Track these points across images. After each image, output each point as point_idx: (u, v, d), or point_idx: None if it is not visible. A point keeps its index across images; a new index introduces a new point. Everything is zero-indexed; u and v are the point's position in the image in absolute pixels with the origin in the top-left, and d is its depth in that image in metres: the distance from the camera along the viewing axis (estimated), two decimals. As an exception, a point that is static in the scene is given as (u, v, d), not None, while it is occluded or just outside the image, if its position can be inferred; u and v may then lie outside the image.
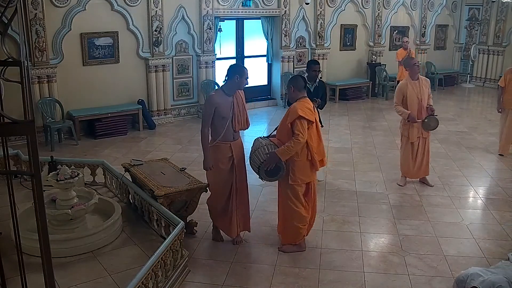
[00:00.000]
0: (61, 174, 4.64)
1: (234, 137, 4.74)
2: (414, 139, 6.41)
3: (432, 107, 6.32)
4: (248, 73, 4.66)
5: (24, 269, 2.77)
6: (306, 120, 4.45)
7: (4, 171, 4.25)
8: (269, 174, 4.58)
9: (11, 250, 3.77)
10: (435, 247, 4.96)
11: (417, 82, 6.30)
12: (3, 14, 2.56)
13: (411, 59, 6.58)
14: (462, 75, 15.35)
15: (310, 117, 4.50)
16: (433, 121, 6.33)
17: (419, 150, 6.49)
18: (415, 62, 6.40)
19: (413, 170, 6.59)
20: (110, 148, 8.37)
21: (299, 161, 4.57)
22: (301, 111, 4.45)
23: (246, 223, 5.01)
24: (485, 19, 14.60)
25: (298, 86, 4.63)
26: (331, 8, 12.30)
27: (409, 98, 6.26)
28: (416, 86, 6.28)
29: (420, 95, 6.27)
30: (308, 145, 4.54)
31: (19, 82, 2.46)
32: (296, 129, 4.42)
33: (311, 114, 4.55)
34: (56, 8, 8.47)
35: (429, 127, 6.35)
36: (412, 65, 6.35)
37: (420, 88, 6.29)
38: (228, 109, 4.59)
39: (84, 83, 8.98)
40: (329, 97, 12.63)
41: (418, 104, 6.27)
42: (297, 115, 4.42)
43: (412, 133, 6.39)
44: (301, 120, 4.43)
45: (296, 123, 4.43)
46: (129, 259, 4.43)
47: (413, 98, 6.26)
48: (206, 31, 10.27)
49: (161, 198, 4.71)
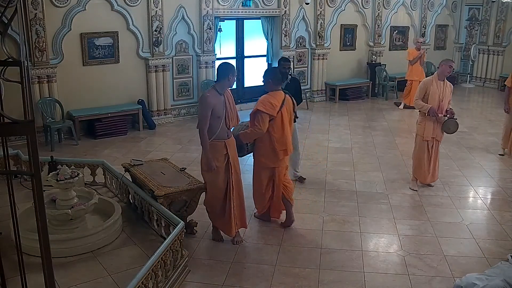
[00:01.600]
0: (61, 174, 4.64)
1: (228, 134, 4.79)
2: (428, 138, 6.30)
3: (453, 111, 6.28)
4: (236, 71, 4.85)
5: (24, 269, 2.77)
6: (267, 114, 4.89)
7: (4, 171, 4.25)
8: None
9: (11, 250, 3.77)
10: (435, 247, 4.96)
11: (443, 83, 6.26)
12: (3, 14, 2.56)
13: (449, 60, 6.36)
14: (462, 75, 15.35)
15: (270, 112, 4.91)
16: (453, 124, 6.26)
17: (433, 152, 6.39)
18: (451, 64, 6.24)
19: (427, 173, 6.46)
20: (110, 148, 8.37)
21: (262, 147, 5.09)
22: (262, 105, 4.91)
23: (243, 220, 5.04)
24: (485, 19, 14.60)
25: (276, 80, 5.04)
26: (331, 8, 12.30)
27: (431, 95, 6.19)
28: (441, 85, 6.24)
29: (442, 95, 6.22)
30: (272, 136, 4.99)
31: (19, 82, 2.46)
32: (256, 121, 4.92)
33: (272, 109, 4.93)
34: (56, 8, 8.47)
35: (448, 129, 6.28)
36: (448, 66, 6.20)
37: (444, 89, 6.24)
38: (222, 108, 4.65)
39: (84, 83, 8.97)
40: (329, 97, 12.69)
41: (439, 103, 6.20)
42: (255, 108, 4.93)
43: (427, 131, 6.28)
44: (261, 114, 4.89)
45: (256, 115, 4.92)
46: (129, 259, 4.43)
47: (435, 96, 6.19)
48: (206, 31, 10.27)
49: (161, 198, 4.71)
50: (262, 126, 4.89)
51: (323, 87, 12.62)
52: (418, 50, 11.66)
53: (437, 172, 6.59)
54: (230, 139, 4.82)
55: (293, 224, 5.41)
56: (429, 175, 6.51)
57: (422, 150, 6.40)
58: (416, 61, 11.50)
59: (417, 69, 11.57)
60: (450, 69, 6.22)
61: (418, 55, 11.48)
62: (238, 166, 4.94)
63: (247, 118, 5.16)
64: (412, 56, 11.63)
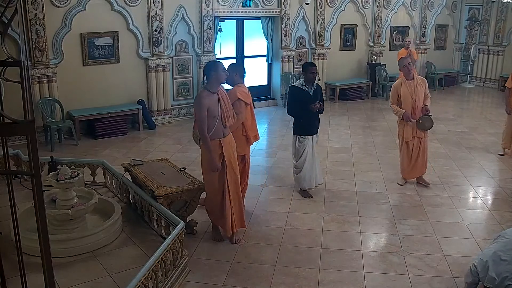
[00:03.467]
0: (61, 174, 4.63)
1: (224, 133, 4.80)
2: (409, 138, 6.43)
3: (427, 107, 6.31)
4: (223, 66, 4.83)
5: (24, 269, 2.77)
6: (243, 102, 5.25)
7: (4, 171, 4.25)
8: None
9: (11, 250, 3.77)
10: (435, 247, 4.96)
11: (412, 82, 6.31)
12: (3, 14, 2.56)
13: (403, 59, 6.47)
14: (462, 75, 15.35)
15: (246, 100, 5.31)
16: (428, 121, 6.33)
17: (414, 150, 6.49)
18: (405, 63, 6.28)
19: (408, 170, 6.60)
20: (110, 148, 8.37)
21: (235, 137, 5.18)
22: (239, 94, 5.24)
23: (242, 219, 5.05)
24: (485, 19, 14.60)
25: (240, 73, 5.43)
26: (331, 8, 12.30)
27: (403, 98, 6.30)
28: (411, 85, 6.30)
29: (415, 94, 6.28)
30: (243, 123, 5.35)
31: (19, 82, 2.46)
32: (236, 109, 5.15)
33: (247, 97, 5.34)
34: (56, 8, 8.47)
35: (423, 127, 6.35)
36: (402, 66, 6.32)
37: (415, 88, 6.29)
38: (216, 107, 4.68)
39: (84, 83, 8.97)
40: (329, 97, 12.69)
41: (412, 103, 6.29)
42: (237, 97, 5.20)
43: (407, 133, 6.42)
44: (240, 102, 5.22)
45: (236, 104, 5.17)
46: (129, 259, 4.43)
47: (407, 97, 6.28)
48: (206, 31, 10.27)
49: (161, 198, 4.71)
50: (243, 112, 5.25)
51: (323, 87, 12.60)
52: (407, 49, 11.63)
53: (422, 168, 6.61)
54: (225, 137, 4.81)
55: (292, 224, 5.42)
56: (415, 170, 6.59)
57: (404, 150, 6.55)
58: None
59: None
60: (406, 68, 6.26)
61: (407, 55, 11.42)
62: (235, 165, 4.92)
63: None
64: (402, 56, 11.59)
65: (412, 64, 6.56)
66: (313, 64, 6.13)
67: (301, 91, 5.94)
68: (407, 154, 6.52)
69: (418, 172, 6.63)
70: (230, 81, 5.26)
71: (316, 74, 5.97)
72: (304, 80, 5.98)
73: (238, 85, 5.32)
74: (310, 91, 5.95)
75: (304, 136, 6.05)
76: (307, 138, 6.06)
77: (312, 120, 6.05)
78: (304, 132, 6.05)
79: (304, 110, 5.87)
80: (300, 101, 5.89)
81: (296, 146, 6.12)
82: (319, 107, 5.87)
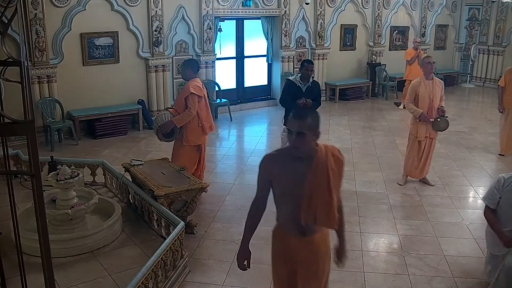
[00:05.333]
0: (61, 174, 4.63)
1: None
2: (422, 138, 6.41)
3: (444, 109, 6.32)
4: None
5: (24, 269, 2.77)
6: (196, 96, 5.62)
7: (4, 171, 4.25)
8: (166, 136, 5.80)
9: (11, 250, 3.77)
10: (435, 247, 4.96)
11: (431, 82, 6.30)
12: (3, 14, 2.56)
13: (426, 57, 6.52)
14: (462, 75, 15.35)
15: (199, 93, 5.68)
16: (443, 122, 6.33)
17: (425, 150, 6.50)
18: (429, 60, 6.33)
19: (417, 170, 6.60)
20: (110, 148, 8.37)
21: (192, 127, 5.77)
22: (192, 88, 5.60)
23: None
24: (485, 19, 14.60)
25: (194, 68, 5.81)
26: (331, 8, 12.30)
27: (421, 97, 6.26)
28: (429, 85, 6.28)
29: (432, 95, 6.27)
30: (198, 115, 5.74)
31: (19, 82, 2.46)
32: (188, 103, 5.61)
33: (200, 91, 5.71)
34: (56, 8, 8.47)
35: (438, 127, 6.34)
36: (426, 63, 6.31)
37: (433, 88, 6.28)
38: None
39: (84, 83, 8.97)
40: (329, 97, 12.68)
41: (429, 104, 6.27)
42: (189, 92, 5.58)
43: (420, 132, 6.38)
44: (192, 96, 5.60)
45: (189, 98, 5.60)
46: (129, 259, 4.43)
47: (425, 97, 6.25)
48: (206, 31, 10.27)
49: (161, 198, 4.71)
50: (195, 107, 5.64)
51: (323, 87, 12.59)
52: (415, 50, 11.65)
53: (428, 169, 6.65)
54: None
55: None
56: (423, 171, 6.61)
57: (414, 149, 6.54)
58: (414, 61, 11.48)
59: (415, 69, 11.53)
60: (431, 65, 6.29)
61: (416, 55, 11.46)
62: None
63: (248, 118, 5.23)
64: (409, 56, 11.63)
65: (420, 65, 6.59)
66: (310, 61, 6.38)
67: (294, 86, 6.18)
68: (417, 153, 6.50)
69: (425, 172, 6.65)
70: (185, 77, 5.89)
71: (310, 71, 6.20)
72: (300, 76, 6.20)
73: (192, 80, 5.75)
74: (303, 87, 6.17)
75: None
76: None
77: None
78: None
79: (293, 103, 6.07)
80: (291, 94, 6.15)
81: (282, 135, 6.48)
82: (305, 103, 6.02)
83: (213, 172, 7.15)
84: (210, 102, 10.27)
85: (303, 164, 2.75)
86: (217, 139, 9.34)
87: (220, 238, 5.13)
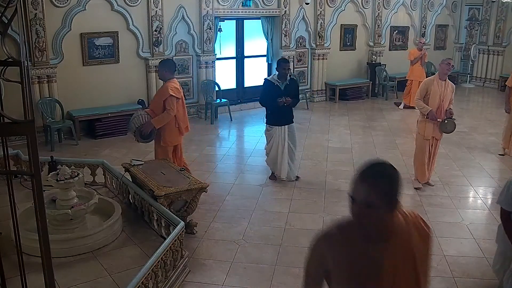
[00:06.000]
0: (61, 174, 4.63)
1: None
2: (429, 137, 6.38)
3: (452, 111, 6.31)
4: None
5: (24, 269, 2.76)
6: (174, 98, 5.69)
7: (4, 171, 4.25)
8: (144, 137, 5.83)
9: (11, 250, 3.77)
10: (435, 247, 4.93)
11: (444, 83, 6.29)
12: (3, 14, 2.56)
13: (447, 59, 6.48)
14: (462, 75, 15.34)
15: (177, 95, 5.75)
16: (451, 125, 6.31)
17: (430, 151, 6.47)
18: (449, 61, 6.30)
19: (424, 172, 6.52)
20: (110, 148, 8.37)
21: (168, 128, 5.82)
22: (171, 90, 5.67)
23: None
24: (485, 19, 14.60)
25: (171, 69, 5.88)
26: (331, 8, 12.30)
27: (432, 95, 6.24)
28: (442, 86, 6.27)
29: (443, 95, 6.25)
30: (175, 116, 5.79)
31: (19, 82, 2.46)
32: (167, 105, 5.67)
33: (178, 92, 5.78)
34: (56, 8, 8.47)
35: (445, 129, 6.33)
36: (446, 63, 6.27)
37: (445, 89, 6.27)
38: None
39: (84, 83, 8.97)
40: (329, 97, 12.68)
41: (439, 103, 6.25)
42: (169, 94, 5.65)
43: (427, 131, 6.35)
44: (171, 98, 5.67)
45: (168, 100, 5.67)
46: (129, 259, 4.43)
47: (436, 96, 6.23)
48: (206, 31, 10.27)
49: (161, 198, 4.71)
50: (174, 108, 5.71)
51: (323, 87, 12.61)
52: (419, 50, 11.64)
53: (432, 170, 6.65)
54: None
55: (292, 224, 5.42)
56: (427, 174, 6.60)
57: (423, 149, 6.46)
58: (417, 61, 11.50)
59: (418, 69, 11.57)
60: (449, 66, 6.28)
61: (419, 55, 11.47)
62: None
63: (248, 118, 5.23)
64: (413, 56, 11.63)
65: (423, 66, 6.59)
66: (286, 60, 6.56)
67: (272, 85, 6.34)
68: (426, 155, 6.45)
69: (430, 173, 6.64)
70: (162, 77, 5.92)
71: (287, 70, 6.36)
72: (277, 75, 6.35)
73: (170, 81, 5.80)
74: (282, 86, 6.34)
75: (271, 125, 6.58)
76: (274, 128, 6.55)
77: (281, 112, 6.44)
78: (272, 122, 6.56)
79: (273, 102, 6.29)
80: (270, 94, 6.31)
81: (266, 133, 6.74)
82: (285, 101, 6.22)
83: (213, 172, 7.16)
84: (210, 101, 10.33)
85: (376, 248, 1.90)
86: (217, 139, 9.34)
87: (220, 238, 5.13)
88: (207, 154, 8.17)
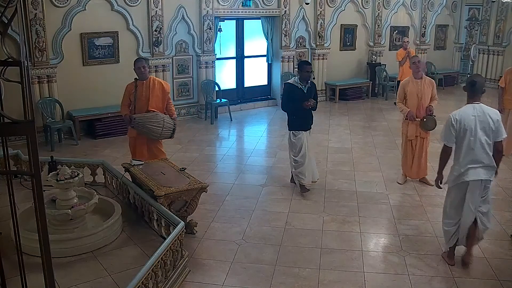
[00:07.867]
0: (61, 174, 4.63)
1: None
2: (412, 137, 6.52)
3: (431, 108, 6.37)
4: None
5: (24, 269, 2.77)
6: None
7: (4, 171, 4.25)
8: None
9: (11, 250, 3.76)
10: (435, 247, 4.96)
11: (420, 81, 6.39)
12: (3, 14, 2.56)
13: (413, 57, 6.69)
14: (462, 75, 15.34)
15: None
16: (431, 122, 6.36)
17: (417, 149, 6.57)
18: (414, 60, 6.49)
19: (412, 170, 6.67)
20: (110, 148, 8.37)
21: None
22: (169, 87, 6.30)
23: None
24: (485, 19, 14.60)
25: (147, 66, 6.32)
26: (331, 8, 12.30)
27: (409, 96, 6.39)
28: (418, 84, 6.38)
29: (421, 94, 6.35)
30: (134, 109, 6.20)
31: (19, 82, 2.46)
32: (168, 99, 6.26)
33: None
34: (56, 8, 8.47)
35: (426, 127, 6.38)
36: (412, 63, 6.51)
37: (422, 87, 6.36)
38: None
39: (84, 83, 8.97)
40: (329, 97, 12.69)
41: (418, 102, 6.37)
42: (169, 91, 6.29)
43: (410, 131, 6.50)
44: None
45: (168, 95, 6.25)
46: (129, 259, 4.43)
47: (413, 96, 6.37)
48: (206, 31, 10.27)
49: (161, 198, 4.71)
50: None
51: (323, 87, 12.61)
52: (405, 49, 11.59)
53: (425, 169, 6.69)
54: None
55: (292, 224, 5.42)
56: (420, 170, 6.67)
57: (406, 147, 6.66)
58: (405, 61, 11.42)
59: (408, 69, 11.51)
60: (414, 65, 6.41)
61: (406, 55, 11.40)
62: None
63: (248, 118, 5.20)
64: (400, 57, 11.54)
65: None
66: (308, 62, 6.40)
67: (296, 89, 6.14)
68: (411, 152, 6.61)
69: (422, 173, 6.70)
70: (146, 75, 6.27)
71: (310, 73, 6.19)
72: (299, 78, 6.17)
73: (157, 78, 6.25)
74: (304, 89, 6.16)
75: (298, 131, 6.24)
76: (301, 133, 6.24)
77: (305, 116, 6.25)
78: (298, 128, 6.26)
79: (297, 107, 6.09)
80: (294, 98, 6.11)
81: (292, 141, 6.29)
82: (311, 104, 6.09)
83: (213, 172, 7.16)
84: (210, 101, 10.33)
85: None
86: (217, 139, 9.35)
87: (220, 238, 5.13)
88: (207, 154, 8.18)
